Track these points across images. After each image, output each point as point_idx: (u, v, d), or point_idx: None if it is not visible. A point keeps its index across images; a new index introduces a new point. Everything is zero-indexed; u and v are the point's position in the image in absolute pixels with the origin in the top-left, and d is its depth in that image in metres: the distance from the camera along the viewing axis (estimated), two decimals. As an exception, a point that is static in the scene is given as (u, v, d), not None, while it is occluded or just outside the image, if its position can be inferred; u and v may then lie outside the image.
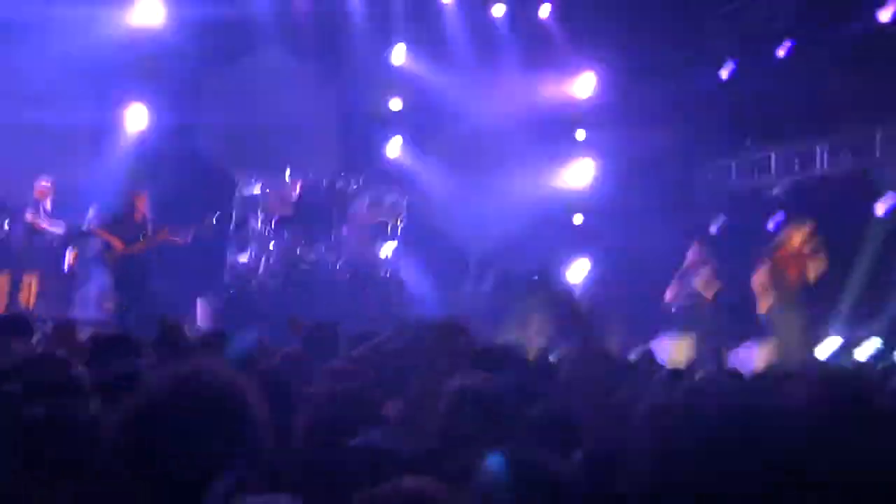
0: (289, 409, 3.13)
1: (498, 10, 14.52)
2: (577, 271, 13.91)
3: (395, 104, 14.42)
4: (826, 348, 10.50)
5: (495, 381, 3.12)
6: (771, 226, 12.82)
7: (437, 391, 3.13)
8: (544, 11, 14.62)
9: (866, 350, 10.23)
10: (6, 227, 11.91)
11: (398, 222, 13.90)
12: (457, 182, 14.02)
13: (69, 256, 12.39)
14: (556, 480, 2.09)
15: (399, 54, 14.36)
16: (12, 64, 12.82)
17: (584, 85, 14.77)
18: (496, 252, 13.23)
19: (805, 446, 1.39)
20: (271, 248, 13.19)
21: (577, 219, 14.89)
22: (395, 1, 14.04)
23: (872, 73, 11.77)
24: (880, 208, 11.75)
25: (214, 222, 12.35)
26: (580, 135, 15.07)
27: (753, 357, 10.69)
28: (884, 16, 11.86)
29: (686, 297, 11.57)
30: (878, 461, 1.51)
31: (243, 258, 13.19)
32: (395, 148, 14.68)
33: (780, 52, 13.24)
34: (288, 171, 13.63)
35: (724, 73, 13.97)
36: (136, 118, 13.32)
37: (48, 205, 12.06)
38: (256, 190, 13.61)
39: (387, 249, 13.61)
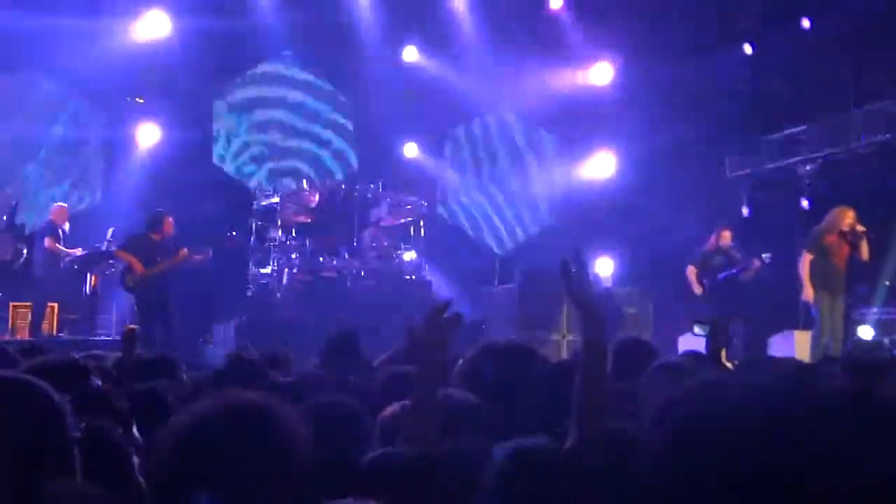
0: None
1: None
2: (603, 267, 13.57)
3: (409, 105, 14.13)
4: (864, 333, 10.13)
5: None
6: (805, 204, 12.43)
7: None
8: (556, 2, 14.23)
9: None
10: (25, 253, 11.86)
11: (420, 225, 13.67)
12: (477, 181, 13.78)
13: (90, 280, 12.31)
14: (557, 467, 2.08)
15: (411, 54, 14.10)
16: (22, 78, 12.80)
17: (600, 74, 14.40)
18: (521, 249, 12.94)
19: (829, 440, 1.28)
20: (293, 258, 13.01)
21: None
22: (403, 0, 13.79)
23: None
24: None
25: (234, 236, 12.25)
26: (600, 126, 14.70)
27: (793, 345, 10.38)
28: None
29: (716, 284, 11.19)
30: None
31: (265, 271, 13.02)
32: (412, 150, 14.43)
33: (805, 24, 12.79)
34: (305, 180, 13.47)
35: (747, 49, 13.53)
36: (148, 135, 13.22)
37: (66, 227, 12.01)
38: (274, 200, 13.45)
39: (410, 253, 13.38)
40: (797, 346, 10.25)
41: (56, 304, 11.96)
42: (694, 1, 12.69)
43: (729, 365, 5.84)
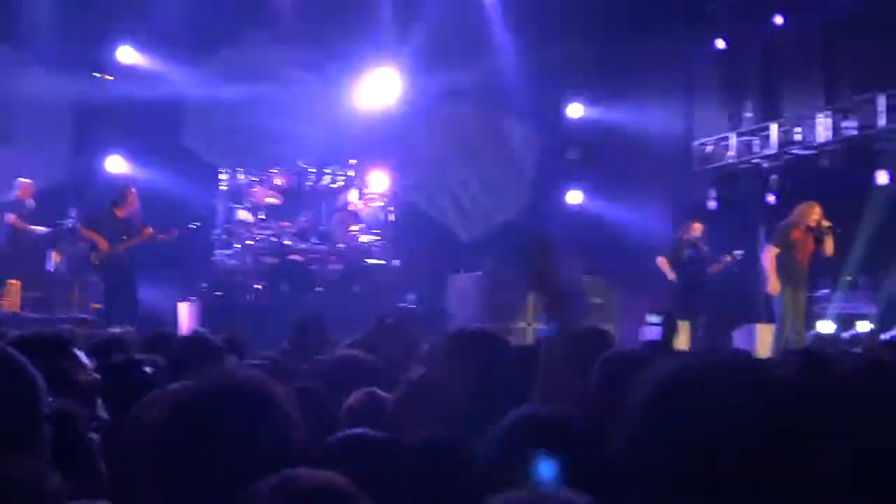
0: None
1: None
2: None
3: (384, 87, 14.04)
4: (825, 328, 10.28)
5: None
6: (771, 199, 12.56)
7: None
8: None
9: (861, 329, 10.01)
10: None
11: (389, 210, 13.66)
12: (448, 166, 13.77)
13: (54, 257, 12.16)
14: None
15: (385, 36, 14.02)
16: None
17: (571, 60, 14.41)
18: (488, 237, 12.95)
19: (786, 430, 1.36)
20: (260, 239, 12.94)
21: (573, 197, 14.61)
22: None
23: (874, 37, 11.43)
24: (882, 177, 11.45)
25: (200, 218, 12.17)
26: (573, 110, 14.73)
27: (755, 338, 10.50)
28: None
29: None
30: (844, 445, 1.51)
31: (231, 251, 12.95)
32: (380, 133, 14.34)
33: (778, 20, 12.89)
34: (276, 163, 13.41)
35: (719, 44, 13.62)
36: (113, 111, 13.11)
37: (31, 204, 11.84)
38: (242, 179, 13.36)
39: (378, 238, 13.36)
40: (759, 339, 10.37)
41: (19, 281, 11.79)
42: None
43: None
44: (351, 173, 13.69)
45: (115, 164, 13.21)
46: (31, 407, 1.87)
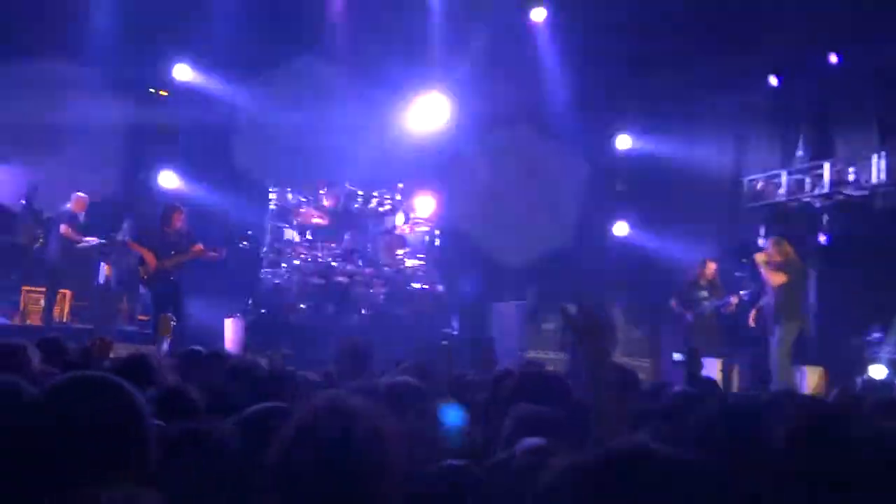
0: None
1: (537, 16, 14.15)
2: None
3: (432, 112, 14.11)
4: (877, 372, 10.08)
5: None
6: (823, 239, 12.40)
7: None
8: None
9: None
10: (41, 240, 11.88)
11: (435, 235, 13.69)
12: (495, 194, 13.77)
13: (105, 270, 12.34)
14: None
15: (433, 62, 14.14)
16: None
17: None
18: (536, 263, 12.90)
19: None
20: (307, 260, 13.02)
21: (620, 228, 14.56)
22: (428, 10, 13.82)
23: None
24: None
25: (249, 237, 12.29)
26: (623, 142, 14.72)
27: (804, 380, 10.35)
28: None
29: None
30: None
31: (278, 270, 13.04)
32: (428, 158, 14.44)
33: (833, 59, 12.76)
34: (323, 183, 13.50)
35: (772, 80, 13.52)
36: (167, 128, 13.32)
37: (82, 217, 12.03)
38: (291, 199, 13.47)
39: (423, 263, 13.38)
40: (808, 382, 10.23)
41: (69, 292, 11.98)
42: (720, 32, 12.67)
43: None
44: (398, 196, 13.75)
45: (168, 180, 13.40)
46: (138, 430, 1.95)
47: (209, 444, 2.49)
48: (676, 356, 11.30)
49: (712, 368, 10.19)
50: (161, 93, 13.91)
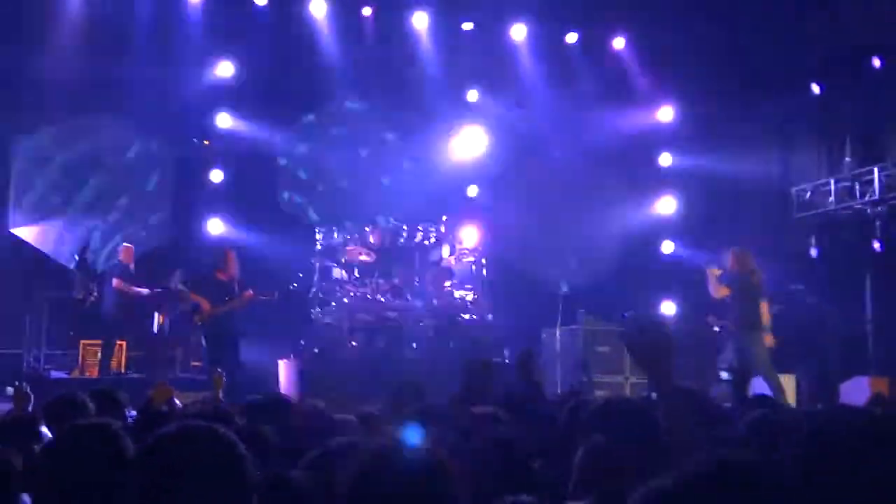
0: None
1: (570, 39, 14.23)
2: (666, 310, 13.48)
3: (472, 143, 14.19)
4: None
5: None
6: (877, 246, 12.17)
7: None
8: (618, 43, 14.29)
9: None
10: (95, 293, 12.08)
11: (482, 264, 13.66)
12: (539, 219, 13.75)
13: (158, 319, 12.50)
14: None
15: (473, 96, 14.23)
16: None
17: (664, 115, 14.40)
18: (584, 290, 12.82)
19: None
20: (356, 298, 13.05)
21: (667, 247, 14.43)
22: (466, 44, 13.93)
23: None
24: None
25: (298, 279, 12.39)
26: (665, 160, 14.64)
27: (867, 391, 10.10)
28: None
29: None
30: None
31: (328, 310, 13.09)
32: (474, 190, 14.51)
33: (875, 63, 12.60)
34: (368, 222, 13.60)
35: (815, 89, 13.37)
36: (213, 175, 13.57)
37: (132, 267, 12.22)
38: (338, 238, 13.56)
39: (471, 293, 13.35)
40: (873, 392, 9.98)
41: (124, 342, 12.16)
42: (759, 40, 12.57)
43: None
44: (443, 229, 13.77)
45: (215, 227, 13.57)
46: (241, 477, 1.99)
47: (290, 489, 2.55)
48: (724, 375, 11.10)
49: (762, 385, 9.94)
50: (206, 143, 14.13)
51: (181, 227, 13.84)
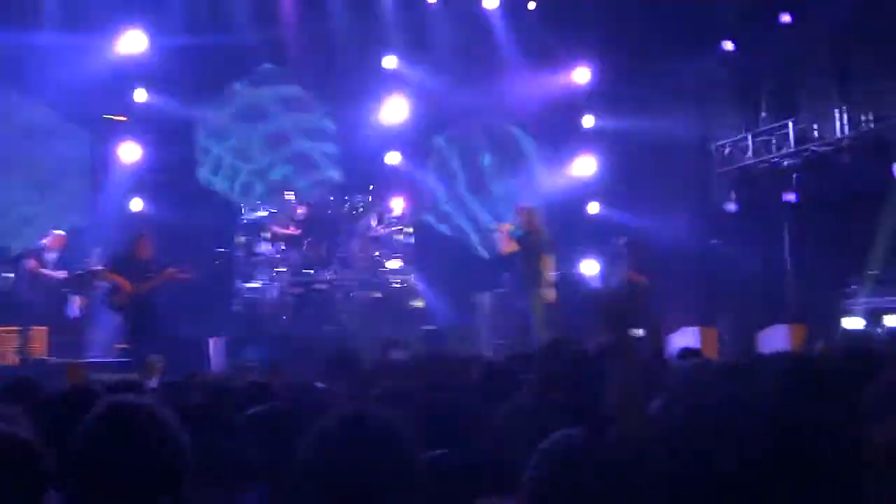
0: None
1: (490, 3, 14.16)
2: (589, 269, 13.63)
3: (393, 112, 14.06)
4: (853, 324, 10.10)
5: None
6: (791, 198, 12.43)
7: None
8: (531, 4, 14.24)
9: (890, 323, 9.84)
10: (11, 277, 11.73)
11: (408, 233, 13.64)
12: (462, 186, 13.76)
13: (76, 301, 12.19)
14: None
15: (391, 62, 14.06)
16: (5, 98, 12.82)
17: (580, 76, 14.44)
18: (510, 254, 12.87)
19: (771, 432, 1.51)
20: (283, 271, 12.94)
21: (593, 208, 14.52)
22: (382, 8, 13.76)
23: (885, 27, 11.30)
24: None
25: (221, 255, 12.20)
26: (587, 121, 14.69)
27: (785, 338, 10.35)
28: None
29: None
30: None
31: (253, 285, 12.96)
32: (395, 157, 14.37)
33: (786, 18, 12.79)
34: (292, 193, 13.43)
35: (727, 45, 13.53)
36: (129, 152, 13.11)
37: (54, 255, 11.87)
38: (262, 213, 13.39)
39: (399, 262, 13.34)
40: (792, 340, 10.22)
41: (44, 328, 11.83)
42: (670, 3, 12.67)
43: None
44: (369, 199, 13.71)
45: (135, 206, 13.26)
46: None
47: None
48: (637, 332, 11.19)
49: (690, 338, 10.08)
50: (119, 118, 13.73)
51: (100, 207, 13.48)
